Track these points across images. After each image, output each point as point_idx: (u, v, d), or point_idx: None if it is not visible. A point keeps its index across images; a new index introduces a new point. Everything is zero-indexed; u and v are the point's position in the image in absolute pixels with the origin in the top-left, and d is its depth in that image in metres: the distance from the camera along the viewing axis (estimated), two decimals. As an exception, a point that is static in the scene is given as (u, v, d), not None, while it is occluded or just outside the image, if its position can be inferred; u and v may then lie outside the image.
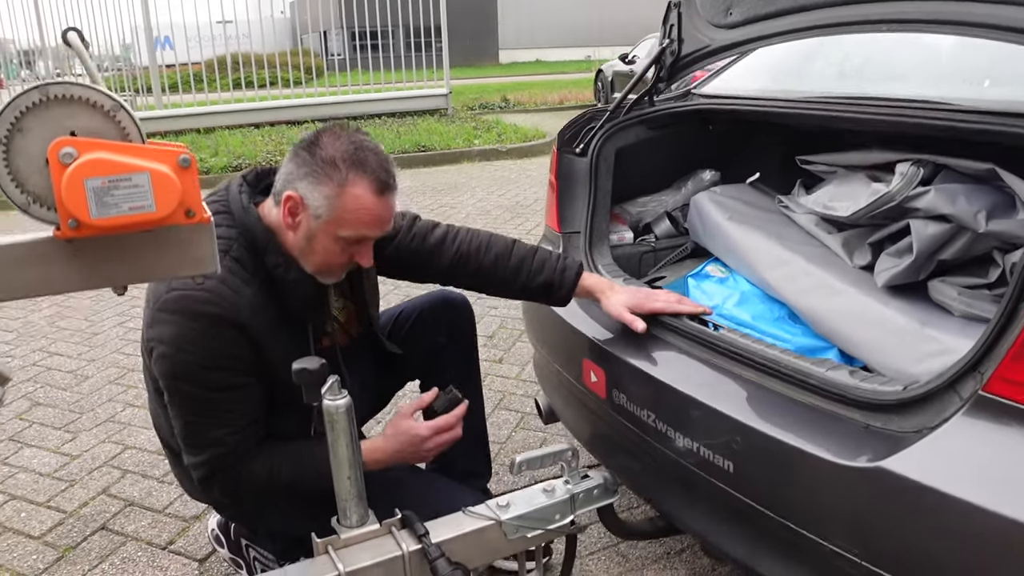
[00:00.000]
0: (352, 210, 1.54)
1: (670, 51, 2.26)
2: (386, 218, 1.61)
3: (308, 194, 1.55)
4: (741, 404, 1.52)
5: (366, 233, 1.59)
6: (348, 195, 1.53)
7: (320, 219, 1.56)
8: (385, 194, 1.57)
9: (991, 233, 1.54)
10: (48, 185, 1.07)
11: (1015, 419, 1.16)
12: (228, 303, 1.55)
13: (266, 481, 1.64)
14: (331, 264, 1.63)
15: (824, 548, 1.36)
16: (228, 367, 1.58)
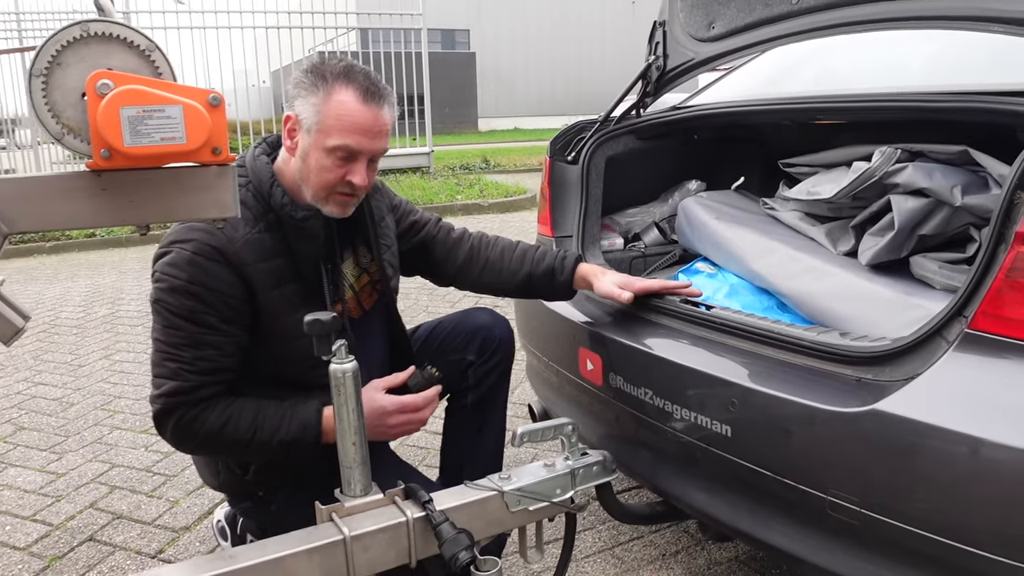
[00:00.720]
0: (336, 116, 1.56)
1: (656, 66, 2.37)
2: (374, 129, 1.60)
3: (300, 109, 1.59)
4: (737, 370, 1.57)
5: (352, 143, 1.57)
6: (333, 101, 1.56)
7: (310, 132, 1.59)
8: (371, 102, 1.58)
9: (967, 207, 1.62)
10: (82, 118, 1.13)
11: (1000, 350, 1.22)
12: (223, 235, 1.57)
13: (218, 433, 1.60)
14: (326, 183, 1.61)
15: (823, 502, 1.39)
16: (210, 302, 1.57)
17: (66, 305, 5.43)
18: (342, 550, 1.45)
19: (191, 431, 1.60)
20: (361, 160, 1.61)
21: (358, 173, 1.62)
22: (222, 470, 1.77)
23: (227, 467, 1.76)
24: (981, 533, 1.21)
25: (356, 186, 1.62)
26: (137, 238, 8.03)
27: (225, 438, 1.61)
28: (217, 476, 1.80)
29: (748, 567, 2.11)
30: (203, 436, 1.61)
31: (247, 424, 1.62)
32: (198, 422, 1.60)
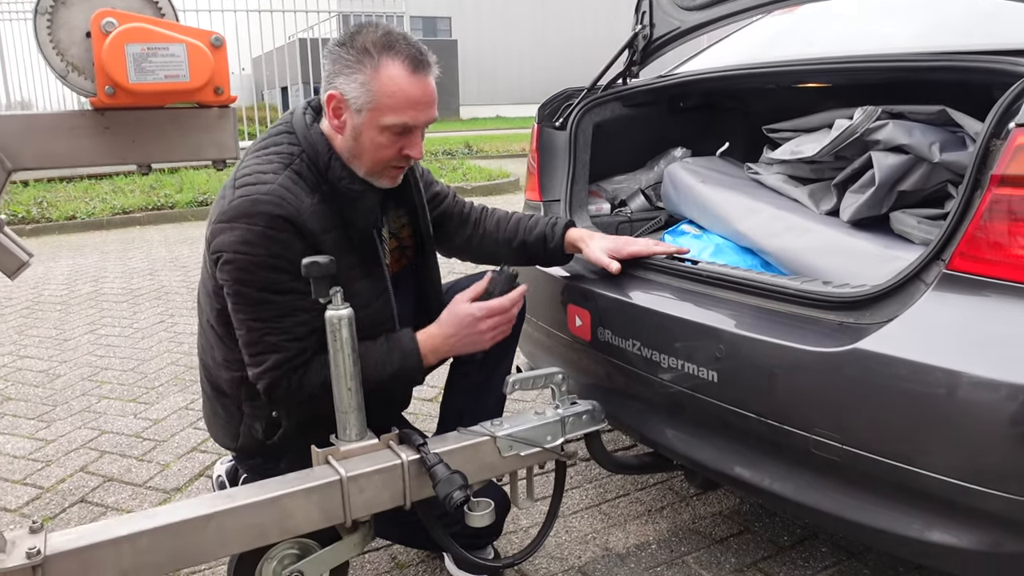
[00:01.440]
0: (390, 93, 1.52)
1: (642, 35, 2.41)
2: (426, 100, 1.57)
3: (346, 88, 1.54)
4: (722, 318, 1.61)
5: (408, 119, 1.55)
6: (383, 77, 1.52)
7: (361, 112, 1.55)
8: (420, 72, 1.55)
9: (944, 164, 1.68)
10: (87, 56, 1.16)
11: (977, 289, 1.27)
12: (289, 205, 1.54)
13: (324, 385, 1.58)
14: (382, 160, 1.60)
15: (807, 440, 1.45)
16: (289, 269, 1.54)
17: (49, 284, 5.41)
18: (339, 490, 1.48)
19: (301, 392, 1.61)
20: (416, 132, 1.60)
21: (415, 146, 1.61)
22: (242, 433, 1.75)
23: (248, 431, 1.75)
24: (959, 464, 1.27)
25: (411, 158, 1.62)
26: (119, 220, 7.99)
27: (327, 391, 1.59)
28: (236, 439, 1.78)
29: (732, 520, 2.17)
30: (313, 394, 1.61)
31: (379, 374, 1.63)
32: (306, 382, 1.60)
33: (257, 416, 1.73)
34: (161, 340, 3.98)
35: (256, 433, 1.74)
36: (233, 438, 1.78)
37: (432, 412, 2.94)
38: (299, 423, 1.71)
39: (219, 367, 1.74)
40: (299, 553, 1.60)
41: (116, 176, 10.27)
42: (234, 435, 1.78)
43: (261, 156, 1.62)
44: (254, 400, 1.70)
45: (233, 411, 1.75)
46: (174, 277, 5.47)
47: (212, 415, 1.84)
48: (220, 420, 1.80)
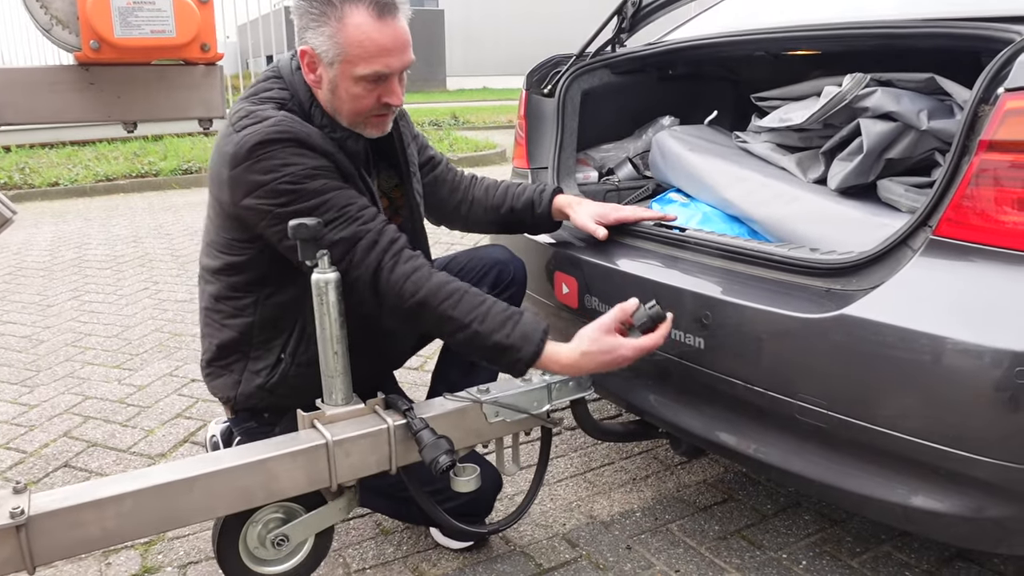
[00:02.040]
0: (358, 43, 1.50)
1: (631, 2, 2.39)
2: (397, 45, 1.54)
3: (315, 42, 1.52)
4: (709, 285, 1.62)
5: (380, 67, 1.53)
6: (349, 27, 1.49)
7: (333, 65, 1.53)
8: (386, 16, 1.51)
9: (932, 131, 1.68)
10: (71, 10, 1.13)
11: (964, 254, 1.28)
12: (300, 130, 1.53)
13: (435, 295, 1.54)
14: (361, 110, 1.58)
15: (792, 407, 1.45)
16: (326, 175, 1.54)
17: (32, 250, 5.35)
18: (324, 454, 1.48)
19: (405, 278, 1.54)
20: (392, 79, 1.58)
21: (393, 93, 1.59)
22: (244, 380, 1.74)
23: (250, 376, 1.74)
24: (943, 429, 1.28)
25: (392, 105, 1.61)
26: (102, 187, 7.90)
27: (440, 308, 1.54)
28: (236, 387, 1.75)
29: (716, 489, 2.19)
30: (418, 290, 1.54)
31: (469, 307, 1.55)
32: (411, 271, 1.55)
33: (263, 357, 1.73)
34: (145, 307, 3.95)
35: (258, 379, 1.73)
36: (234, 385, 1.76)
37: (417, 380, 2.95)
38: (298, 365, 1.71)
39: (227, 318, 1.73)
40: (284, 517, 1.60)
41: (99, 143, 10.15)
42: (235, 382, 1.76)
43: (254, 100, 1.58)
44: (263, 344, 1.72)
45: (238, 359, 1.75)
46: (158, 244, 5.42)
47: (215, 368, 1.80)
48: (223, 371, 1.78)
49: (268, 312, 1.71)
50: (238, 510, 1.46)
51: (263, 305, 1.70)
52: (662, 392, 1.78)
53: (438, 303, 1.55)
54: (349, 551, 1.93)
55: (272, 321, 1.71)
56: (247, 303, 1.70)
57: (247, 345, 1.74)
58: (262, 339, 1.72)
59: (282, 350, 1.72)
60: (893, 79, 1.80)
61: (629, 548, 1.92)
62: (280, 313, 1.71)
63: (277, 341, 1.72)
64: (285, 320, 1.71)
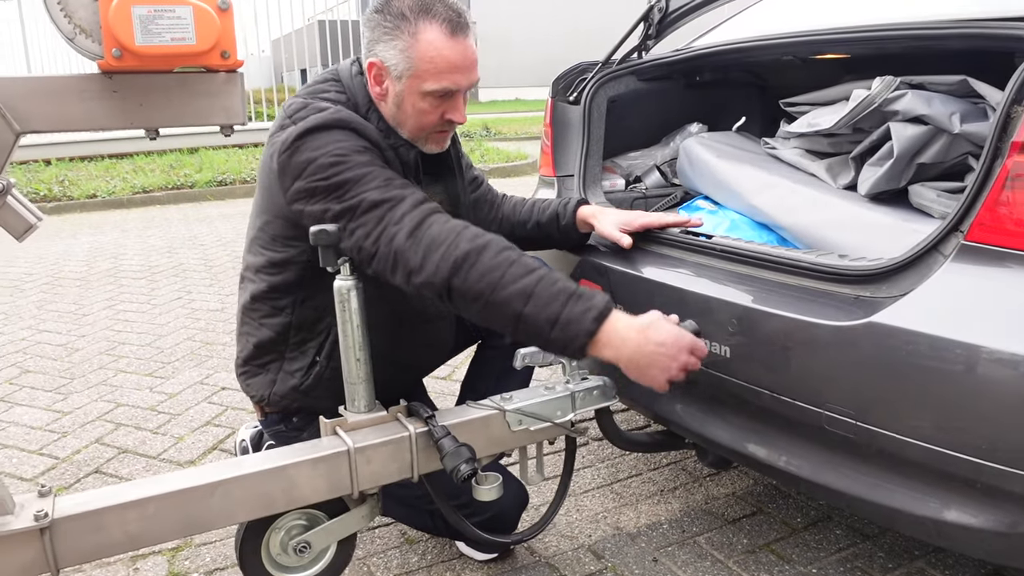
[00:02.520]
0: (429, 59, 1.52)
1: (658, 8, 2.38)
2: (466, 63, 1.56)
3: (386, 55, 1.54)
4: (736, 292, 1.59)
5: (449, 84, 1.55)
6: (422, 43, 1.51)
7: (402, 79, 1.55)
8: (459, 35, 1.54)
9: (965, 135, 1.64)
10: (94, 19, 1.15)
11: (996, 260, 1.24)
12: (356, 120, 1.54)
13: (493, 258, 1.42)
14: (425, 125, 1.60)
15: (821, 417, 1.42)
16: (376, 156, 1.54)
17: (69, 260, 5.45)
18: (346, 461, 1.48)
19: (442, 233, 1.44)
20: (458, 97, 1.59)
21: (457, 110, 1.60)
22: (279, 380, 1.74)
23: (285, 377, 1.74)
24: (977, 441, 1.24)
25: (455, 123, 1.62)
26: (139, 199, 8.04)
27: (494, 271, 1.41)
28: (271, 386, 1.76)
29: (745, 501, 2.15)
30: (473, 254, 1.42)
31: (523, 270, 1.42)
32: (438, 228, 1.45)
33: (298, 359, 1.73)
34: (178, 316, 4.00)
35: (292, 379, 1.74)
36: (269, 385, 1.76)
37: (445, 389, 2.94)
38: (335, 368, 1.66)
39: (264, 317, 1.74)
40: (307, 524, 1.60)
41: (137, 155, 10.34)
42: (271, 382, 1.76)
43: (310, 98, 1.61)
44: (298, 346, 1.72)
45: (274, 359, 1.75)
46: (192, 255, 5.50)
47: (251, 367, 1.80)
48: (259, 370, 1.78)
49: (305, 314, 1.71)
50: (259, 516, 1.47)
51: (300, 307, 1.70)
52: (688, 402, 1.75)
53: (493, 263, 1.41)
54: (374, 560, 1.93)
55: (308, 323, 1.72)
56: (285, 304, 1.71)
57: (283, 345, 1.74)
58: (297, 340, 1.73)
59: (317, 352, 1.72)
60: (924, 82, 1.77)
61: (655, 561, 1.89)
62: (316, 316, 1.71)
63: (312, 343, 1.72)
64: (321, 323, 1.71)
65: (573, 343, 1.41)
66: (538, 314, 1.39)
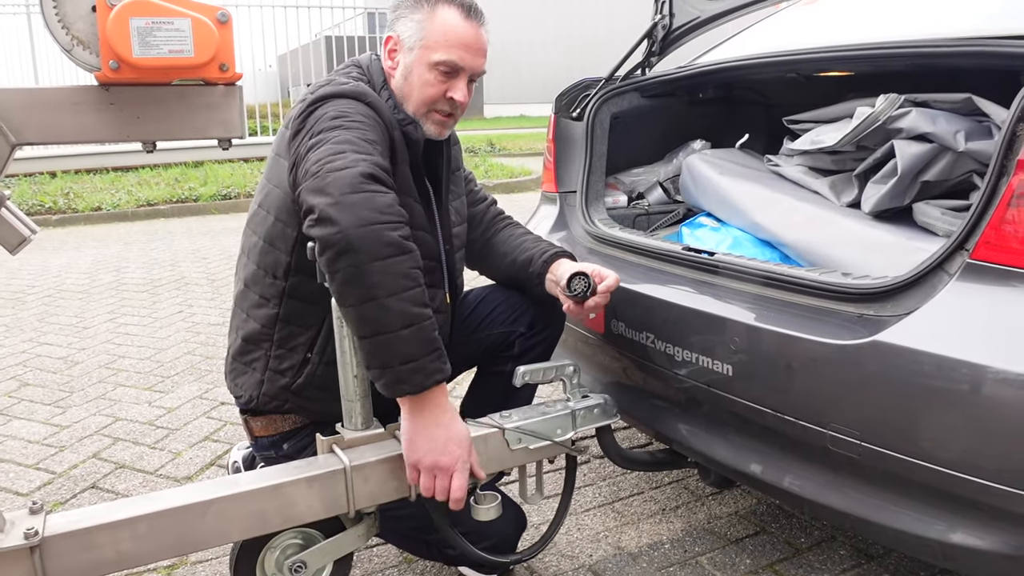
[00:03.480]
0: (441, 32, 1.62)
1: (662, 25, 2.38)
2: (476, 45, 1.65)
3: (402, 29, 1.65)
4: (738, 310, 1.57)
5: (456, 58, 1.62)
6: (437, 18, 1.62)
7: (413, 50, 1.63)
8: (472, 18, 1.65)
9: (970, 153, 1.63)
10: (92, 31, 1.14)
11: (1002, 279, 1.22)
12: (375, 96, 1.61)
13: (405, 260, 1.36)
14: (428, 98, 1.64)
15: (824, 437, 1.40)
16: (377, 130, 1.54)
17: (71, 273, 5.45)
18: (342, 480, 1.46)
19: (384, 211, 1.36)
20: (462, 77, 1.66)
21: (459, 89, 1.66)
22: (267, 380, 1.68)
23: (273, 376, 1.68)
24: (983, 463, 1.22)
25: (456, 103, 1.66)
26: (143, 212, 8.05)
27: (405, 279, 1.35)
28: (259, 387, 1.70)
29: (748, 521, 2.12)
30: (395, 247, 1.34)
31: (423, 298, 1.39)
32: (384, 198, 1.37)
33: (287, 356, 1.67)
34: (179, 330, 3.99)
35: (283, 379, 1.68)
36: (257, 385, 1.70)
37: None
38: (327, 364, 1.64)
39: (253, 307, 1.71)
40: (302, 543, 1.58)
41: (142, 168, 10.36)
42: (258, 382, 1.70)
43: (332, 79, 1.66)
44: (285, 342, 1.67)
45: (261, 355, 1.70)
46: (195, 268, 5.49)
47: (238, 364, 1.76)
48: (245, 368, 1.73)
49: (293, 305, 1.66)
50: (253, 535, 1.44)
51: (288, 297, 1.66)
52: (690, 421, 1.73)
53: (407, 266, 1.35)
54: (370, 579, 1.90)
55: (297, 315, 1.66)
56: (273, 292, 1.66)
57: (269, 341, 1.69)
58: (284, 335, 1.67)
59: (309, 348, 1.66)
60: (929, 100, 1.76)
61: (656, 581, 1.87)
62: (305, 308, 1.66)
63: (302, 338, 1.66)
64: (311, 316, 1.66)
65: (402, 387, 1.39)
66: (408, 344, 1.36)
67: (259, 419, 1.74)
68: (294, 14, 12.11)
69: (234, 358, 1.77)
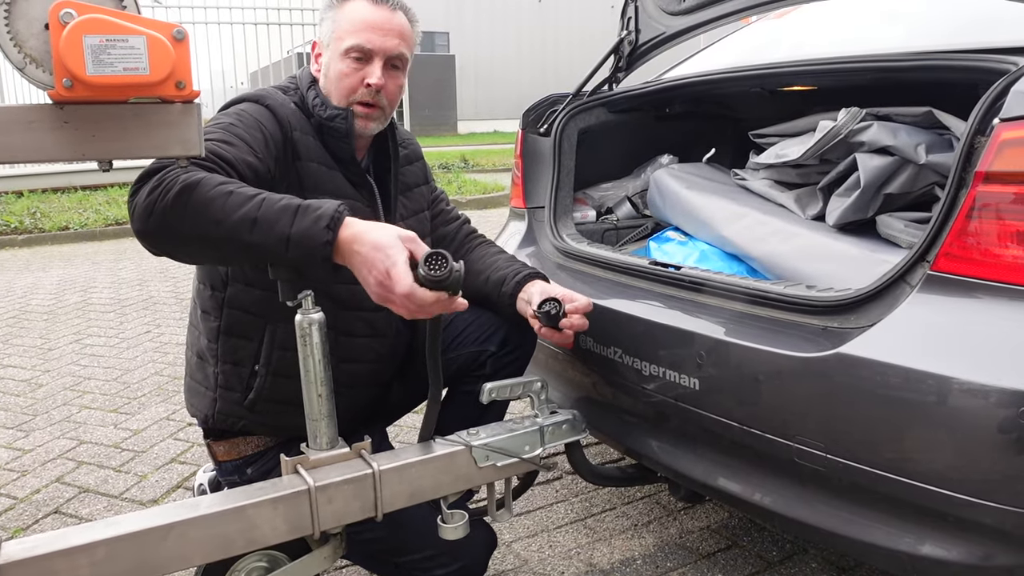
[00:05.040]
0: (348, 20, 1.62)
1: (628, 41, 2.39)
2: (385, 26, 1.63)
3: (321, 32, 1.68)
4: (704, 324, 1.58)
5: (362, 40, 1.61)
6: (346, 10, 1.63)
7: (329, 46, 1.65)
8: (380, 5, 1.63)
9: (931, 165, 1.65)
10: (45, 48, 1.12)
11: (962, 290, 1.24)
12: (279, 99, 1.62)
13: (207, 193, 1.31)
14: (345, 89, 1.63)
15: (790, 449, 1.40)
16: (269, 131, 1.54)
17: (37, 293, 5.36)
18: (306, 501, 1.43)
19: (162, 187, 1.31)
20: (376, 61, 1.63)
21: (374, 73, 1.63)
22: (220, 398, 1.66)
23: (224, 394, 1.66)
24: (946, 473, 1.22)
25: (373, 87, 1.62)
26: (111, 231, 7.95)
27: (212, 204, 1.30)
28: (212, 406, 1.67)
29: (720, 535, 2.12)
30: (186, 195, 1.29)
31: (245, 197, 1.32)
32: (186, 178, 1.32)
33: (235, 372, 1.64)
34: (146, 350, 3.93)
35: (234, 394, 1.65)
36: (211, 404, 1.68)
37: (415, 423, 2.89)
38: (275, 375, 1.62)
39: (198, 321, 1.69)
40: (267, 566, 1.55)
41: (111, 187, 10.25)
42: (212, 401, 1.67)
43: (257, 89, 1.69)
44: (230, 356, 1.64)
45: (211, 373, 1.67)
46: (163, 288, 5.43)
47: (191, 382, 1.74)
48: (199, 387, 1.71)
49: (233, 316, 1.62)
50: (217, 559, 1.41)
51: (228, 308, 1.62)
52: (659, 436, 1.73)
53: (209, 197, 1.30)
54: (339, 601, 1.88)
55: (238, 327, 1.63)
56: (213, 305, 1.64)
57: (215, 356, 1.66)
58: (228, 347, 1.64)
59: (254, 361, 1.63)
60: (891, 113, 1.78)
61: (628, 598, 1.86)
62: (245, 319, 1.62)
63: (246, 351, 1.63)
64: (251, 327, 1.62)
65: (314, 256, 1.31)
66: (266, 238, 1.30)
67: (222, 443, 1.71)
68: (265, 31, 12.07)
69: (190, 376, 1.74)
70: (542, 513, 2.27)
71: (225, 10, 11.36)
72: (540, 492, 2.38)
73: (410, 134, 1.97)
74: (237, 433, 1.70)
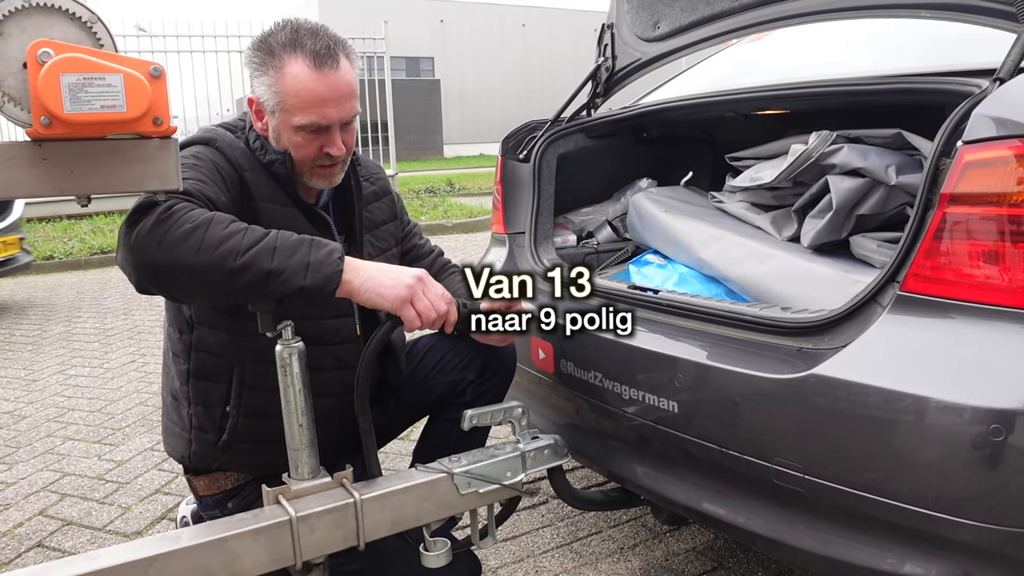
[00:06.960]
0: (294, 92, 1.51)
1: (605, 67, 2.43)
2: (334, 95, 1.53)
3: (259, 91, 1.55)
4: (681, 347, 1.59)
5: (316, 118, 1.53)
6: (287, 77, 1.50)
7: (275, 114, 1.55)
8: (325, 67, 1.51)
9: (902, 186, 1.67)
10: (23, 87, 1.14)
11: (931, 310, 1.26)
12: (228, 139, 1.57)
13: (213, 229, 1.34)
14: (304, 158, 1.58)
15: (769, 471, 1.41)
16: (214, 169, 1.51)
17: (21, 324, 5.34)
18: (288, 531, 1.43)
19: (173, 219, 1.32)
20: (333, 130, 1.57)
21: (333, 144, 1.58)
22: (195, 439, 1.67)
23: (199, 435, 1.66)
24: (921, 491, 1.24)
25: (335, 156, 1.59)
26: (96, 260, 7.93)
27: (231, 237, 1.33)
28: (189, 446, 1.68)
29: (705, 557, 2.12)
30: (187, 229, 1.32)
31: (261, 232, 1.37)
32: (186, 210, 1.34)
33: (207, 414, 1.64)
34: (131, 380, 3.92)
35: (208, 435, 1.66)
36: (187, 445, 1.69)
37: (401, 450, 2.89)
38: (247, 416, 1.63)
39: (171, 361, 1.69)
40: (250, 597, 1.54)
41: (96, 216, 10.23)
42: (187, 442, 1.68)
43: (210, 127, 1.64)
44: (201, 398, 1.64)
45: (184, 415, 1.67)
46: (148, 317, 5.41)
47: (167, 423, 1.74)
48: (175, 428, 1.71)
49: (200, 359, 1.63)
50: (198, 592, 1.41)
51: (195, 351, 1.63)
52: (641, 459, 1.74)
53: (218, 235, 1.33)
54: (324, 631, 1.86)
55: (206, 370, 1.63)
56: (182, 348, 1.64)
57: (187, 398, 1.66)
58: (199, 390, 1.64)
59: (225, 403, 1.63)
60: (862, 135, 1.81)
61: (614, 622, 1.86)
62: (212, 361, 1.62)
63: (216, 394, 1.63)
64: (219, 369, 1.62)
65: (329, 284, 1.38)
66: (286, 265, 1.35)
67: (201, 479, 1.71)
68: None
69: (167, 417, 1.75)
70: (528, 538, 2.26)
71: (210, 38, 11.37)
72: (526, 517, 2.38)
73: (379, 167, 1.94)
74: (212, 469, 1.70)
